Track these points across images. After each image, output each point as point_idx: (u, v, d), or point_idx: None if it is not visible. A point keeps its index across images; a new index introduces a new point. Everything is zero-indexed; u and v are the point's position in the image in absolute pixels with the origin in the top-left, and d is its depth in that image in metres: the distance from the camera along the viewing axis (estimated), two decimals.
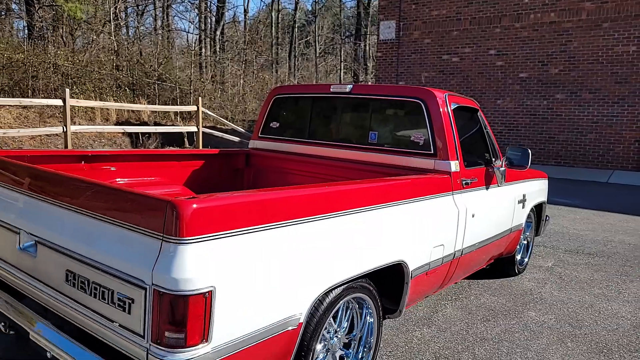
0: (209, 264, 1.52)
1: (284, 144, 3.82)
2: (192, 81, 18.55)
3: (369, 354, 2.42)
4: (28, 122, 13.17)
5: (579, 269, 4.78)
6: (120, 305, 1.58)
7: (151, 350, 1.51)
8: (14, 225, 2.06)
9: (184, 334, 1.48)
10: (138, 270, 1.53)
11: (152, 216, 1.52)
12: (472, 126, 3.49)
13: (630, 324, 3.55)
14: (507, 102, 13.02)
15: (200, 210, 1.52)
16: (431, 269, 2.79)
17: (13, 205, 2.10)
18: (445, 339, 3.17)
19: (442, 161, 3.01)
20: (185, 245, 1.49)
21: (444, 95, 3.12)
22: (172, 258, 1.48)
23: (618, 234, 6.22)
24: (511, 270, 4.39)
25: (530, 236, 4.70)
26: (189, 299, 1.47)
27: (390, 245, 2.38)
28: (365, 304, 2.36)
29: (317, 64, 30.82)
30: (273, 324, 1.76)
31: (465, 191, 3.11)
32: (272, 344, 1.79)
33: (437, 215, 2.80)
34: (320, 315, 2.02)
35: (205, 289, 1.50)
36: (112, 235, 1.64)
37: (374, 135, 3.37)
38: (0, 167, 2.25)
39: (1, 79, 13.99)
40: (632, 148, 11.52)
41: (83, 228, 1.73)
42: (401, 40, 14.48)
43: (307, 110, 3.73)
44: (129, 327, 1.56)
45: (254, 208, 1.69)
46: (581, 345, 3.17)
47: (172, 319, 1.48)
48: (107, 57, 16.96)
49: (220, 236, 1.57)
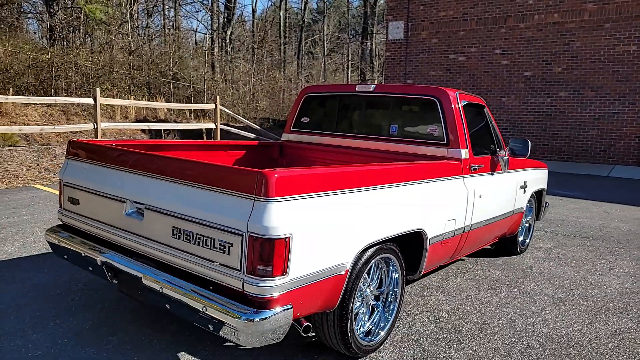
0: (288, 217, 2.08)
1: (314, 136, 4.38)
2: (205, 80, 19.14)
3: (395, 302, 2.98)
4: (53, 119, 13.78)
5: (576, 249, 5.31)
6: (221, 249, 2.14)
7: (246, 279, 2.07)
8: (121, 197, 2.63)
9: (271, 267, 2.04)
10: (236, 222, 2.09)
11: (247, 183, 2.08)
12: (480, 120, 4.03)
13: (617, 292, 4.08)
14: (512, 99, 13.51)
15: (280, 178, 2.08)
16: (445, 239, 3.34)
17: (119, 181, 2.67)
18: (456, 302, 3.72)
19: (454, 149, 3.55)
20: (271, 203, 2.05)
21: (455, 93, 3.66)
22: (262, 212, 2.04)
23: (614, 221, 6.74)
24: (514, 250, 4.93)
25: (531, 220, 5.23)
26: (274, 242, 2.03)
27: (413, 215, 2.93)
28: (392, 262, 2.92)
29: (326, 62, 31.32)
30: (329, 267, 2.31)
31: (474, 175, 3.66)
32: (327, 284, 2.34)
33: (450, 194, 3.35)
34: (359, 268, 2.58)
35: (286, 235, 2.06)
36: (213, 199, 2.20)
37: (395, 128, 3.92)
38: (109, 153, 2.82)
39: (27, 78, 14.63)
40: (632, 144, 11.99)
41: (189, 195, 2.29)
42: (409, 40, 14.99)
43: (335, 107, 4.29)
44: (229, 265, 2.12)
45: (317, 179, 2.24)
46: (573, 308, 3.71)
47: (262, 256, 2.04)
48: (124, 57, 17.58)
49: (294, 198, 2.13)
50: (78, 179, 2.95)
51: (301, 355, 2.81)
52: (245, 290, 2.08)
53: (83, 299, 3.45)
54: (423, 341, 3.05)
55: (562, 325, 3.38)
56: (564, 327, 3.36)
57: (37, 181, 8.03)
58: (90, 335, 2.95)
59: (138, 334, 2.98)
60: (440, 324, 3.31)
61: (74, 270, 3.99)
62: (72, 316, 3.19)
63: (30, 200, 6.61)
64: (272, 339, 2.13)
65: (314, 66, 31.99)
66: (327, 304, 2.42)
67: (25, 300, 3.41)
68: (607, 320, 3.49)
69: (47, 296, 3.48)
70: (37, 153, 9.12)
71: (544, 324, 3.39)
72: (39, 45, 16.56)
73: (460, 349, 2.98)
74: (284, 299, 2.11)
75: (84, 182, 2.90)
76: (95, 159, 2.86)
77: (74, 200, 2.97)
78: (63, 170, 3.09)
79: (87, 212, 2.88)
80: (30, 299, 3.42)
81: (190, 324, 3.13)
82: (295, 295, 2.16)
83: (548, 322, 3.41)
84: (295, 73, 27.41)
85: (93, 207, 2.83)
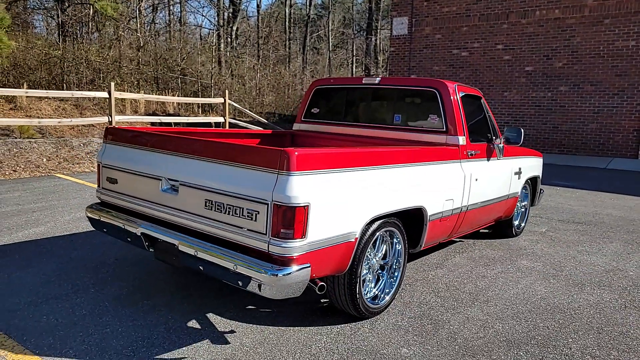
0: (306, 188, 2.43)
1: (323, 126, 4.73)
2: (212, 75, 19.50)
3: (399, 270, 3.34)
4: (66, 113, 14.17)
5: (568, 233, 5.65)
6: (248, 216, 2.50)
7: (271, 242, 2.43)
8: (157, 175, 2.99)
9: (292, 231, 2.40)
10: (262, 193, 2.44)
11: (271, 160, 2.44)
12: (477, 110, 4.36)
13: (603, 269, 4.42)
14: (514, 94, 13.80)
15: (300, 155, 2.43)
16: (443, 217, 3.69)
17: (155, 162, 3.03)
18: (454, 276, 4.07)
19: (452, 136, 3.90)
20: (292, 177, 2.40)
21: (454, 85, 4.00)
22: (285, 184, 2.39)
23: (607, 209, 7.07)
24: (509, 232, 5.27)
25: (526, 205, 5.57)
26: (295, 209, 2.39)
27: (415, 194, 3.28)
28: (395, 234, 3.27)
29: (331, 57, 31.59)
30: (340, 234, 2.67)
31: (470, 160, 4.00)
32: (339, 249, 2.70)
33: (448, 176, 3.70)
34: (367, 238, 2.94)
35: (305, 204, 2.42)
36: (241, 174, 2.55)
37: (398, 117, 4.26)
38: (146, 137, 3.18)
39: (40, 73, 15.03)
40: (630, 137, 12.28)
41: (220, 172, 2.64)
42: (413, 36, 15.29)
43: (343, 98, 4.64)
44: (255, 230, 2.49)
45: (332, 158, 2.60)
46: (561, 282, 4.06)
47: (285, 221, 2.40)
48: (133, 53, 17.96)
49: (312, 173, 2.48)
50: (116, 160, 3.31)
51: (315, 317, 3.18)
52: (270, 250, 2.44)
53: (117, 271, 3.83)
54: (423, 307, 3.41)
55: (550, 295, 3.73)
56: (552, 297, 3.71)
57: (58, 171, 8.43)
58: (127, 299, 3.33)
59: (169, 298, 3.36)
60: (439, 294, 3.67)
61: (105, 247, 4.37)
62: (108, 284, 3.57)
63: (55, 187, 7.00)
64: (292, 292, 2.49)
65: (319, 61, 32.28)
66: (338, 267, 2.78)
67: (65, 271, 3.79)
68: (591, 292, 3.84)
69: (84, 268, 3.86)
70: (56, 145, 9.51)
71: (533, 294, 3.74)
72: (51, 41, 16.94)
73: (456, 313, 3.34)
74: (303, 258, 2.47)
75: (121, 164, 3.26)
76: (133, 142, 3.22)
77: (112, 180, 3.34)
78: (101, 153, 3.45)
79: (125, 190, 3.24)
80: (70, 270, 3.80)
81: (215, 291, 3.50)
82: (313, 256, 2.52)
83: (537, 293, 3.77)
84: (301, 68, 27.71)
85: (131, 185, 3.20)
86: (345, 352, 2.75)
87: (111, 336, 2.83)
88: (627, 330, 3.18)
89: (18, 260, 3.98)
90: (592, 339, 3.04)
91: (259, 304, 3.33)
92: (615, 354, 2.86)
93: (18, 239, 4.55)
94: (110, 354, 2.63)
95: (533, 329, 3.13)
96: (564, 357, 2.79)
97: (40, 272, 3.75)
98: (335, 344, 2.83)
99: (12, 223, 5.06)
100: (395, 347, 2.82)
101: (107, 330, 2.90)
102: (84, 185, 7.30)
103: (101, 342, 2.75)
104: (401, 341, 2.90)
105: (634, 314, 3.43)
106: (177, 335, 2.86)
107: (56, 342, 2.74)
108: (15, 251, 4.20)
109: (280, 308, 3.28)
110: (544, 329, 3.14)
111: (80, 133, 13.66)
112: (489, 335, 3.03)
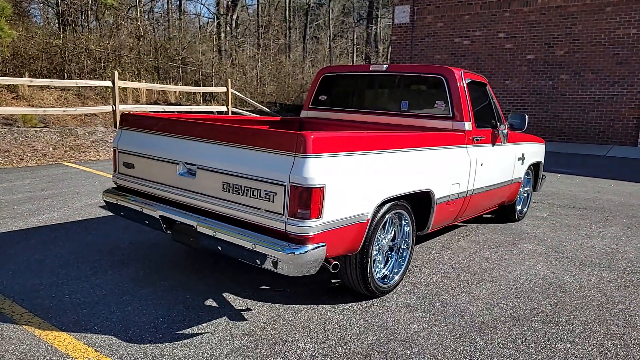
0: (322, 170, 2.53)
1: (331, 112, 4.82)
2: (213, 64, 19.49)
3: (407, 251, 3.46)
4: (68, 102, 14.21)
5: (569, 217, 5.77)
6: (266, 198, 2.60)
7: (288, 221, 2.54)
8: (174, 159, 3.09)
9: (309, 211, 2.51)
10: (279, 175, 2.54)
11: (288, 143, 2.53)
12: (482, 97, 4.45)
13: (603, 252, 4.55)
14: (515, 82, 13.86)
15: (316, 139, 2.53)
16: (450, 200, 3.80)
17: (172, 146, 3.12)
18: (459, 258, 4.19)
19: (459, 122, 3.99)
20: (309, 159, 2.50)
21: (460, 72, 4.08)
22: (301, 166, 2.49)
23: (607, 194, 7.19)
24: (512, 217, 5.39)
25: (529, 190, 5.69)
26: (312, 190, 2.49)
27: (424, 177, 3.39)
28: (404, 217, 3.38)
29: (332, 46, 31.50)
30: (354, 215, 2.78)
31: (476, 145, 4.10)
32: (353, 229, 2.81)
33: (455, 161, 3.80)
34: (377, 219, 3.05)
35: (320, 185, 2.52)
36: (258, 157, 2.65)
37: (405, 103, 4.35)
38: (162, 123, 3.27)
39: (40, 63, 15.02)
40: (630, 125, 12.37)
41: (237, 155, 2.74)
42: (415, 24, 15.29)
43: (351, 85, 4.72)
44: (273, 210, 2.59)
45: (346, 142, 2.70)
46: (563, 263, 4.18)
47: (302, 202, 2.50)
48: (134, 42, 17.93)
49: (327, 156, 2.58)
50: (132, 146, 3.41)
51: (326, 296, 3.30)
52: (287, 230, 2.55)
53: (132, 254, 3.95)
54: (430, 286, 3.54)
55: (552, 276, 3.86)
56: (554, 277, 3.83)
57: (65, 159, 8.52)
58: (144, 280, 3.44)
59: (185, 279, 3.48)
60: (445, 274, 3.79)
61: (119, 232, 4.48)
62: (125, 266, 3.68)
63: (63, 175, 7.10)
64: (308, 270, 2.60)
65: (319, 51, 32.18)
66: (351, 247, 2.89)
67: (83, 254, 3.90)
68: (592, 273, 3.96)
69: (100, 252, 3.98)
70: (61, 134, 9.58)
71: (536, 275, 3.87)
72: (51, 30, 16.90)
73: (463, 292, 3.46)
74: (319, 238, 2.58)
75: (138, 149, 3.36)
76: (149, 128, 3.32)
77: (129, 165, 3.44)
78: (117, 139, 3.55)
79: (142, 174, 3.34)
80: (86, 254, 3.92)
81: (229, 272, 3.62)
82: (328, 236, 2.63)
83: (540, 274, 3.89)
84: (301, 57, 27.65)
85: (148, 169, 3.29)
86: (358, 327, 2.87)
87: (133, 314, 2.94)
88: (626, 307, 3.31)
89: (35, 245, 4.09)
90: (593, 315, 3.16)
91: (273, 284, 3.45)
92: (615, 329, 2.99)
93: (32, 224, 4.66)
94: (133, 330, 2.75)
95: (536, 307, 3.26)
96: (566, 332, 2.91)
97: (57, 255, 3.87)
98: (348, 321, 2.95)
99: (25, 209, 5.17)
100: (405, 324, 2.95)
101: (129, 308, 3.01)
102: (92, 173, 7.40)
103: (124, 319, 2.87)
104: (410, 318, 3.02)
105: (632, 293, 3.56)
106: (196, 313, 2.98)
107: (80, 319, 2.86)
108: (31, 236, 4.31)
109: (294, 287, 3.41)
110: (547, 307, 3.26)
111: (83, 122, 13.71)
112: (494, 312, 3.16)
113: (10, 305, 3.00)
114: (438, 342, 2.74)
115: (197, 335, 2.72)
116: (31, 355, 2.48)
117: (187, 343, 2.64)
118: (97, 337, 2.66)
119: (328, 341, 2.71)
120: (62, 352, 2.52)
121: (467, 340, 2.78)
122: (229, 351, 2.57)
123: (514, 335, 2.85)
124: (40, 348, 2.55)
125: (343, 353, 2.59)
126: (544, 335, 2.86)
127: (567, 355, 2.66)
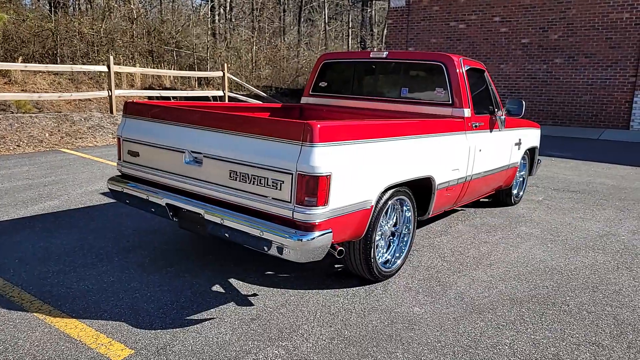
0: (328, 159, 2.59)
1: (331, 99, 4.85)
2: (208, 48, 19.29)
3: (408, 236, 3.55)
4: (61, 87, 14.05)
5: (564, 201, 5.89)
6: (273, 186, 2.66)
7: (296, 209, 2.60)
8: (180, 148, 3.13)
9: (316, 198, 2.57)
10: (286, 163, 2.60)
11: (295, 132, 2.58)
12: (480, 83, 4.50)
13: (597, 234, 4.66)
14: (510, 66, 13.88)
15: (323, 128, 2.58)
16: (450, 186, 3.88)
17: (178, 135, 3.15)
18: (458, 242, 4.29)
19: (458, 109, 4.05)
20: (315, 148, 2.55)
21: (459, 59, 4.12)
22: (308, 155, 2.55)
23: (600, 178, 7.31)
24: (509, 201, 5.49)
25: (524, 175, 5.78)
26: (318, 178, 2.55)
27: (425, 164, 3.45)
28: (405, 203, 3.46)
29: (327, 29, 31.22)
30: (359, 202, 2.84)
31: (475, 132, 4.16)
32: (357, 216, 2.88)
33: (454, 147, 3.86)
34: (381, 206, 3.11)
35: (327, 173, 2.57)
36: (265, 146, 2.69)
37: (405, 90, 4.39)
38: (168, 111, 3.29)
39: (32, 47, 14.81)
40: (622, 108, 12.49)
41: (244, 144, 2.78)
42: (411, 8, 15.20)
43: (351, 72, 4.74)
44: (280, 198, 2.65)
45: (351, 130, 2.75)
46: (558, 246, 4.29)
47: (308, 190, 2.56)
48: (127, 25, 17.68)
49: (333, 144, 2.63)
50: (137, 134, 3.43)
51: (330, 281, 3.38)
52: (295, 217, 2.61)
53: (137, 241, 4.00)
54: (431, 270, 3.63)
55: (548, 258, 3.97)
56: (550, 260, 3.94)
57: (62, 145, 8.49)
58: (151, 266, 3.51)
59: (191, 266, 3.54)
60: (445, 258, 3.89)
61: (122, 219, 4.53)
62: (131, 253, 3.74)
63: (62, 162, 7.10)
64: (314, 256, 2.67)
65: (314, 34, 31.90)
66: (356, 233, 2.97)
67: (87, 241, 3.95)
68: (586, 255, 4.08)
69: (104, 238, 4.03)
70: (57, 120, 9.52)
71: (532, 257, 3.97)
72: (43, 13, 16.62)
73: (462, 275, 3.56)
74: (325, 224, 2.64)
75: (143, 137, 3.38)
76: (154, 116, 3.34)
77: (133, 153, 3.47)
78: (121, 127, 3.57)
79: (147, 162, 3.38)
80: (91, 241, 3.97)
81: (234, 259, 3.69)
82: (334, 223, 2.70)
83: (536, 257, 4.00)
84: (296, 40, 27.42)
85: (153, 158, 3.33)
86: (362, 311, 2.96)
87: (141, 300, 3.01)
88: (619, 288, 3.42)
89: (39, 232, 4.13)
90: (588, 296, 3.28)
91: (278, 270, 3.53)
92: (609, 309, 3.10)
93: (35, 212, 4.69)
94: (143, 316, 2.82)
95: (534, 289, 3.37)
96: (562, 313, 3.02)
97: (63, 242, 3.91)
98: (352, 304, 3.04)
99: (25, 197, 5.19)
100: (408, 307, 3.04)
101: (137, 295, 3.08)
102: (91, 160, 7.40)
103: (133, 305, 2.94)
104: (413, 301, 3.12)
105: (625, 274, 3.68)
106: (203, 299, 3.06)
107: (90, 306, 2.92)
108: (35, 224, 4.35)
109: (298, 273, 3.49)
110: (544, 289, 3.37)
111: (77, 107, 13.60)
112: (493, 294, 3.26)
113: (20, 294, 3.05)
114: (440, 324, 2.83)
115: (206, 321, 2.79)
116: (44, 342, 2.54)
117: (196, 328, 2.71)
118: (107, 324, 2.73)
119: (334, 325, 2.80)
120: (74, 338, 2.58)
121: (468, 322, 2.88)
122: (239, 335, 2.65)
123: (512, 317, 2.95)
124: (53, 335, 2.61)
125: (349, 336, 2.68)
126: (541, 317, 2.97)
127: (563, 335, 2.76)
